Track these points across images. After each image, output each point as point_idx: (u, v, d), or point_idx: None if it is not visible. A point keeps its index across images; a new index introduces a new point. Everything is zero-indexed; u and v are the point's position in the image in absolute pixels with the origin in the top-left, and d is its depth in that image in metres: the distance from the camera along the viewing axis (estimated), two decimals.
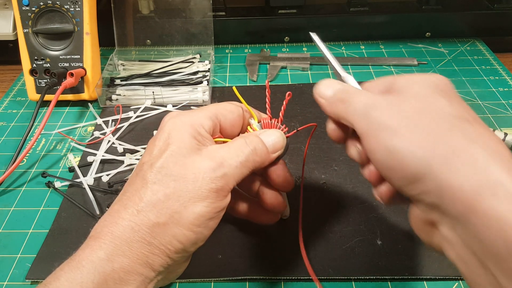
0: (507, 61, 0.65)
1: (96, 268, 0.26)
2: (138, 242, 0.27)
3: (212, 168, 0.28)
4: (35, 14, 0.54)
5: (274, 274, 0.36)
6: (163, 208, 0.27)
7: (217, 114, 0.33)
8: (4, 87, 0.63)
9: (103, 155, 0.48)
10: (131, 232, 0.27)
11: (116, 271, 0.26)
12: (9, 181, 0.46)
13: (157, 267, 0.27)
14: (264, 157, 0.31)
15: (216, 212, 0.28)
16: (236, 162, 0.29)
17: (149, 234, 0.27)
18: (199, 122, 0.31)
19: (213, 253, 0.37)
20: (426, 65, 0.63)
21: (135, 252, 0.27)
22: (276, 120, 0.33)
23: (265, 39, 0.70)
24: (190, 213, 0.27)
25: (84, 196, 0.43)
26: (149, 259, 0.27)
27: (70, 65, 0.55)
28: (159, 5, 0.64)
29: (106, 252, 0.26)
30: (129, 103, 0.56)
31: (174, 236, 0.27)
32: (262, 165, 0.31)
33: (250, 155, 0.30)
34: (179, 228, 0.27)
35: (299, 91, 0.58)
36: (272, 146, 0.31)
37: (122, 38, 0.65)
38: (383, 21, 0.68)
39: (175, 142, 0.30)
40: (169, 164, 0.29)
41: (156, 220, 0.27)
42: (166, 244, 0.27)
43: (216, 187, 0.28)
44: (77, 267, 0.26)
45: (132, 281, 0.26)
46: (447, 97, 0.27)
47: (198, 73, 0.59)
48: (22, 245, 0.40)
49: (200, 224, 0.27)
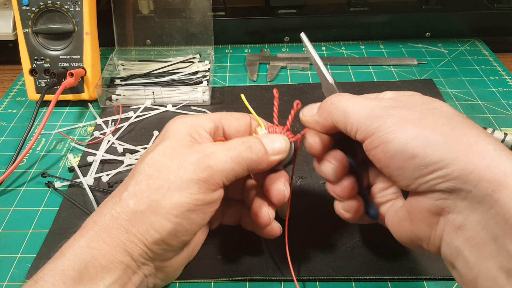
0: (507, 61, 0.65)
1: (77, 255, 0.26)
2: (117, 229, 0.27)
3: (197, 159, 0.28)
4: (35, 14, 0.54)
5: (274, 274, 0.36)
6: (143, 197, 0.28)
7: (221, 118, 0.33)
8: (4, 87, 0.63)
9: (103, 155, 0.48)
10: (111, 219, 0.28)
11: (97, 258, 0.27)
12: (9, 181, 0.46)
13: (136, 256, 0.28)
14: (261, 157, 0.30)
15: (199, 205, 0.28)
16: (225, 156, 0.29)
17: (127, 221, 0.27)
18: (200, 122, 0.31)
19: (213, 253, 0.37)
20: (426, 65, 0.63)
21: (114, 240, 0.27)
22: (283, 127, 0.33)
23: (265, 39, 0.70)
24: (168, 202, 0.27)
25: (84, 196, 0.43)
26: (127, 247, 0.27)
27: (70, 65, 0.55)
28: (159, 5, 0.64)
29: (86, 240, 0.27)
30: (129, 103, 0.56)
31: (151, 224, 0.27)
32: (259, 166, 0.30)
33: (244, 152, 0.29)
34: (156, 216, 0.27)
35: (299, 91, 0.58)
36: (272, 148, 0.31)
37: (122, 38, 0.65)
38: (383, 21, 0.68)
39: (170, 137, 0.30)
40: (158, 156, 0.29)
41: (135, 208, 0.28)
42: (143, 232, 0.27)
43: (198, 177, 0.28)
44: (59, 256, 0.27)
45: (114, 268, 0.27)
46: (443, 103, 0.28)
47: (198, 73, 0.59)
48: (22, 245, 0.39)
49: (178, 215, 0.27)
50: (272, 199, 0.32)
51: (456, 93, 0.57)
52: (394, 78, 0.61)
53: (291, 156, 0.32)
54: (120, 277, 0.27)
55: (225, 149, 0.29)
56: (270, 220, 0.32)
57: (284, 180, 0.32)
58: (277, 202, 0.32)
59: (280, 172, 0.32)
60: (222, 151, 0.29)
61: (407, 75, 0.61)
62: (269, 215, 0.32)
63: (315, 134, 0.31)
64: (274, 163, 0.31)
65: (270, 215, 0.32)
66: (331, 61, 0.65)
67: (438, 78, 0.60)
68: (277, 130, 0.33)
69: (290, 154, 0.32)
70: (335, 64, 0.64)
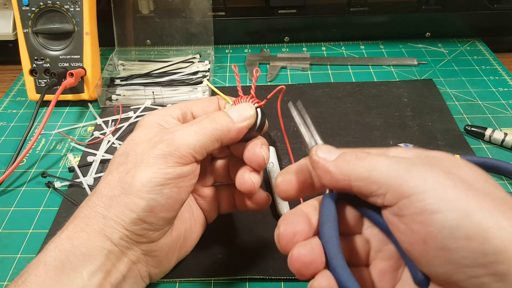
0: (507, 61, 0.65)
1: (57, 247, 0.27)
2: (94, 217, 0.29)
3: (160, 137, 0.30)
4: (35, 14, 0.54)
5: (274, 274, 0.36)
6: (115, 183, 0.29)
7: (188, 104, 0.34)
8: (4, 87, 0.63)
9: (103, 155, 0.48)
10: (88, 209, 0.29)
11: (77, 247, 0.27)
12: (9, 181, 0.46)
13: (116, 240, 0.28)
14: (226, 125, 0.31)
15: (170, 179, 0.28)
16: (189, 130, 0.30)
17: (103, 208, 0.29)
18: (167, 111, 0.33)
19: (213, 253, 0.37)
20: (426, 65, 0.63)
21: (92, 227, 0.28)
22: (247, 96, 0.34)
23: (265, 39, 0.70)
24: (137, 180, 0.28)
25: (84, 196, 0.43)
26: (106, 232, 0.28)
27: (70, 65, 0.55)
28: (159, 5, 0.64)
29: (66, 233, 0.28)
30: (129, 103, 0.56)
31: (126, 205, 0.28)
32: (228, 135, 0.31)
33: (207, 124, 0.30)
34: (129, 197, 0.28)
35: (299, 91, 0.58)
36: (237, 115, 0.31)
37: (122, 38, 0.65)
38: (383, 21, 0.68)
39: (139, 128, 0.32)
40: (127, 145, 0.31)
41: (108, 194, 0.29)
42: (119, 214, 0.28)
43: (163, 152, 0.29)
44: (42, 251, 0.28)
45: (95, 255, 0.27)
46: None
47: (198, 73, 0.59)
48: (22, 245, 0.40)
49: (149, 191, 0.28)
50: (251, 164, 0.32)
51: (456, 93, 0.57)
52: (394, 78, 0.61)
53: (260, 120, 0.33)
54: (103, 263, 0.28)
55: (189, 125, 0.31)
56: (253, 185, 0.32)
57: (259, 143, 0.32)
58: (257, 166, 0.32)
59: (255, 138, 0.33)
60: (186, 127, 0.30)
61: (407, 75, 0.61)
62: (252, 179, 0.32)
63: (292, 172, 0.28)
64: (244, 129, 0.32)
65: (252, 180, 0.32)
66: (331, 61, 0.65)
67: (438, 78, 0.60)
68: (242, 101, 0.33)
69: (257, 118, 0.33)
70: (335, 64, 0.64)
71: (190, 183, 0.30)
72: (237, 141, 0.32)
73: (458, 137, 0.49)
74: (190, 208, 0.35)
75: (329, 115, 0.53)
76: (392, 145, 0.48)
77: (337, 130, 0.51)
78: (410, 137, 0.49)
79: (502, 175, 0.45)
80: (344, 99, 0.56)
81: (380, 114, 0.53)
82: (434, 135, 0.49)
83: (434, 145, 0.48)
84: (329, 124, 0.52)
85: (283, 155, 0.47)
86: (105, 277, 0.27)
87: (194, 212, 0.36)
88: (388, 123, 0.51)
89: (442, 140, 0.49)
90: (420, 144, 0.48)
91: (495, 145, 0.49)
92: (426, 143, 0.48)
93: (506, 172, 0.44)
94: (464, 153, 0.46)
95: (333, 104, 0.55)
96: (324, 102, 0.56)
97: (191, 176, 0.30)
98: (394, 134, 0.50)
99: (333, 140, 0.49)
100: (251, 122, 0.32)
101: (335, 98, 0.56)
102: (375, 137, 0.50)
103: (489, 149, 0.48)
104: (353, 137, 0.50)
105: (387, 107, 0.54)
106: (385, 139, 0.49)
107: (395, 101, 0.55)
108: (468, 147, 0.48)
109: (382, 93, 0.57)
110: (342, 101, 0.56)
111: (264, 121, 0.33)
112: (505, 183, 0.44)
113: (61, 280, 0.26)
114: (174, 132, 0.30)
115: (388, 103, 0.55)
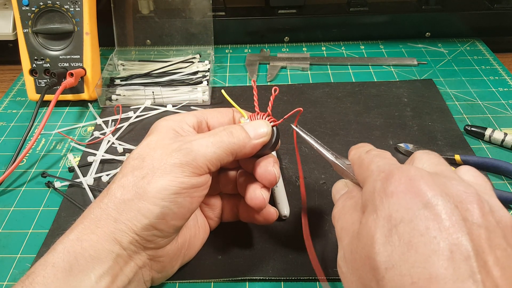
0: (507, 61, 0.65)
1: (66, 248, 0.27)
2: (105, 219, 0.28)
3: (179, 145, 0.30)
4: (35, 14, 0.54)
5: (274, 274, 0.36)
6: (129, 187, 0.29)
7: (204, 113, 0.35)
8: (4, 87, 0.63)
9: (103, 155, 0.48)
10: (99, 211, 0.29)
11: (86, 249, 0.27)
12: (9, 181, 0.46)
13: (126, 244, 0.28)
14: (242, 140, 0.31)
15: (185, 189, 0.29)
16: (207, 141, 0.30)
17: (115, 211, 0.28)
18: (183, 118, 0.33)
19: (213, 253, 0.37)
20: (426, 65, 0.63)
21: (102, 230, 0.28)
22: (263, 113, 0.34)
23: (265, 39, 0.70)
24: (153, 187, 0.28)
25: (84, 196, 0.43)
26: (116, 236, 0.28)
27: (70, 65, 0.55)
28: (159, 5, 0.64)
29: (76, 233, 0.28)
30: (129, 103, 0.56)
31: (139, 210, 0.28)
32: (243, 150, 0.31)
33: (225, 137, 0.31)
34: (143, 202, 0.28)
35: (299, 91, 0.58)
36: (253, 131, 0.32)
37: (122, 38, 0.65)
38: (383, 21, 0.68)
39: (154, 133, 0.32)
40: (143, 149, 0.31)
41: (122, 197, 0.28)
42: (132, 219, 0.28)
43: (180, 162, 0.29)
44: (50, 251, 0.28)
45: (103, 258, 0.27)
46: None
47: (198, 73, 0.59)
48: (22, 245, 0.39)
49: (164, 198, 0.28)
50: (263, 181, 0.32)
51: (456, 93, 0.57)
52: (394, 78, 0.61)
53: (274, 139, 0.33)
54: (111, 267, 0.27)
55: (206, 136, 0.31)
56: (264, 201, 0.32)
57: (272, 162, 0.32)
58: (268, 183, 0.32)
59: (267, 156, 0.33)
60: (204, 138, 0.30)
61: (407, 75, 0.61)
62: (263, 195, 0.32)
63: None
64: (258, 146, 0.32)
65: (263, 196, 0.32)
66: (331, 61, 0.65)
67: (438, 78, 0.60)
68: (258, 117, 0.34)
69: (273, 136, 0.33)
70: (335, 64, 0.64)
71: (202, 194, 0.30)
72: (250, 156, 0.33)
73: (458, 137, 0.49)
74: (195, 216, 0.36)
75: (329, 115, 0.53)
76: (392, 145, 0.48)
77: (337, 130, 0.51)
78: (410, 137, 0.49)
79: (502, 175, 0.45)
80: (344, 99, 0.56)
81: (380, 114, 0.53)
82: (434, 135, 0.49)
83: (434, 145, 0.48)
84: (329, 124, 0.52)
85: (283, 155, 0.47)
86: (112, 280, 0.27)
87: (198, 220, 0.36)
88: (388, 123, 0.51)
89: (442, 140, 0.49)
90: (420, 144, 0.48)
91: (495, 145, 0.49)
92: (426, 143, 0.48)
93: (506, 172, 0.44)
94: (464, 153, 0.46)
95: (333, 104, 0.55)
96: (324, 102, 0.56)
97: (204, 186, 0.30)
98: (394, 134, 0.50)
99: (333, 140, 0.49)
100: (266, 140, 0.32)
101: (335, 98, 0.56)
102: (375, 137, 0.50)
103: (489, 149, 0.48)
104: (353, 137, 0.50)
105: (387, 107, 0.54)
106: (385, 139, 0.49)
107: (395, 101, 0.55)
108: (468, 147, 0.48)
109: (382, 93, 0.57)
110: (342, 101, 0.56)
111: (278, 140, 0.34)
112: (505, 183, 0.44)
113: (69, 282, 0.26)
114: (191, 142, 0.30)
115: (388, 103, 0.55)
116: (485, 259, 0.20)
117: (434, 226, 0.21)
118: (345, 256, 0.25)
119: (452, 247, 0.20)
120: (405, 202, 0.22)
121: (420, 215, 0.21)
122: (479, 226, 0.21)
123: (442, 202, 0.21)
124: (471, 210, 0.21)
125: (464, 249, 0.20)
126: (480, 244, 0.20)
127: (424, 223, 0.21)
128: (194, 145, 0.30)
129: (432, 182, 0.22)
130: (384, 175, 0.24)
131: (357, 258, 0.24)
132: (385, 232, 0.22)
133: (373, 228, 0.22)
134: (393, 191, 0.23)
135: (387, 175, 0.24)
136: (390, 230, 0.22)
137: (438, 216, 0.21)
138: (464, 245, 0.20)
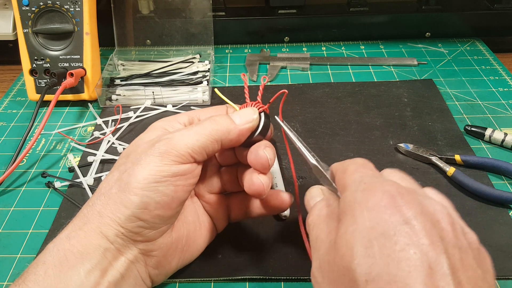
0: (507, 61, 0.65)
1: (56, 246, 0.28)
2: (91, 215, 0.29)
3: (158, 136, 0.31)
4: (35, 14, 0.54)
5: (274, 274, 0.36)
6: (113, 181, 0.30)
7: (196, 112, 0.35)
8: (4, 87, 0.63)
9: (103, 155, 0.48)
10: (87, 209, 0.30)
11: (74, 245, 0.28)
12: (9, 181, 0.46)
13: (112, 237, 0.28)
14: (227, 126, 0.31)
15: (165, 177, 0.29)
16: (188, 130, 0.30)
17: (100, 205, 0.29)
18: (175, 118, 0.34)
19: (213, 253, 0.37)
20: (426, 65, 0.63)
21: (89, 226, 0.29)
22: (252, 102, 0.34)
23: (265, 39, 0.70)
24: (133, 178, 0.29)
25: (84, 196, 0.43)
26: (102, 229, 0.28)
27: (70, 65, 0.55)
28: (159, 5, 0.64)
29: (66, 232, 0.29)
30: (129, 103, 0.56)
31: (121, 202, 0.28)
32: (229, 136, 0.31)
33: (208, 124, 0.31)
34: (125, 194, 0.28)
35: (299, 91, 0.58)
36: (239, 117, 0.32)
37: (122, 38, 0.65)
38: (383, 21, 0.68)
39: (145, 132, 0.33)
40: (130, 147, 0.32)
41: (107, 192, 0.29)
42: (115, 211, 0.28)
43: (159, 151, 0.29)
44: (42, 251, 0.28)
45: (91, 253, 0.28)
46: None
47: (198, 73, 0.59)
48: (22, 245, 0.39)
49: (143, 187, 0.28)
50: (256, 167, 0.32)
51: (456, 93, 0.57)
52: (394, 78, 0.61)
53: (263, 123, 0.33)
54: (99, 261, 0.28)
55: (190, 127, 0.31)
56: (262, 186, 0.31)
57: (263, 146, 0.32)
58: (261, 167, 0.31)
59: (259, 142, 0.33)
60: (187, 128, 0.31)
61: (407, 75, 0.61)
62: (260, 180, 0.31)
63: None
64: (245, 131, 0.32)
65: (261, 181, 0.31)
66: (331, 61, 0.65)
67: (438, 78, 0.60)
68: (247, 107, 0.34)
69: (261, 122, 0.33)
70: (335, 64, 0.64)
71: (188, 183, 0.30)
72: (240, 144, 0.33)
73: (458, 137, 0.49)
74: (196, 213, 0.35)
75: (329, 115, 0.53)
76: (392, 145, 0.48)
77: (337, 130, 0.51)
78: (410, 137, 0.49)
79: (502, 175, 0.45)
80: (344, 99, 0.56)
81: (380, 114, 0.53)
82: (434, 135, 0.49)
83: (434, 145, 0.48)
84: (329, 124, 0.52)
85: (283, 155, 0.47)
86: (101, 275, 0.28)
87: (199, 217, 0.36)
88: (388, 123, 0.51)
89: (442, 140, 0.49)
90: (420, 144, 0.48)
91: (495, 145, 0.49)
92: (426, 143, 0.48)
93: (506, 172, 0.44)
94: (464, 153, 0.46)
95: (333, 104, 0.55)
96: (324, 102, 0.56)
97: (189, 175, 0.30)
98: (394, 134, 0.50)
99: (333, 140, 0.49)
100: (253, 125, 0.32)
101: (335, 98, 0.56)
102: (375, 137, 0.50)
103: (489, 149, 0.48)
104: (353, 137, 0.50)
105: (387, 107, 0.54)
106: (385, 139, 0.49)
107: (395, 101, 0.55)
108: (468, 147, 0.48)
109: (382, 93, 0.57)
110: (342, 101, 0.56)
111: (267, 124, 0.34)
112: (505, 183, 0.44)
113: (59, 278, 0.27)
114: (173, 133, 0.31)
115: (388, 103, 0.55)
116: (459, 278, 0.21)
117: (414, 242, 0.21)
118: (321, 266, 0.25)
119: (431, 264, 0.21)
120: (387, 216, 0.22)
121: (401, 230, 0.22)
122: (454, 246, 0.22)
123: (421, 220, 0.22)
124: (446, 230, 0.22)
125: (442, 266, 0.21)
126: (455, 263, 0.21)
127: (404, 239, 0.21)
128: (176, 135, 0.30)
129: (411, 199, 0.23)
130: (365, 186, 0.25)
131: (334, 270, 0.24)
132: (365, 243, 0.22)
133: (352, 239, 0.23)
134: (374, 205, 0.23)
135: (368, 187, 0.25)
136: (370, 241, 0.22)
137: (418, 233, 0.22)
138: (442, 263, 0.21)
